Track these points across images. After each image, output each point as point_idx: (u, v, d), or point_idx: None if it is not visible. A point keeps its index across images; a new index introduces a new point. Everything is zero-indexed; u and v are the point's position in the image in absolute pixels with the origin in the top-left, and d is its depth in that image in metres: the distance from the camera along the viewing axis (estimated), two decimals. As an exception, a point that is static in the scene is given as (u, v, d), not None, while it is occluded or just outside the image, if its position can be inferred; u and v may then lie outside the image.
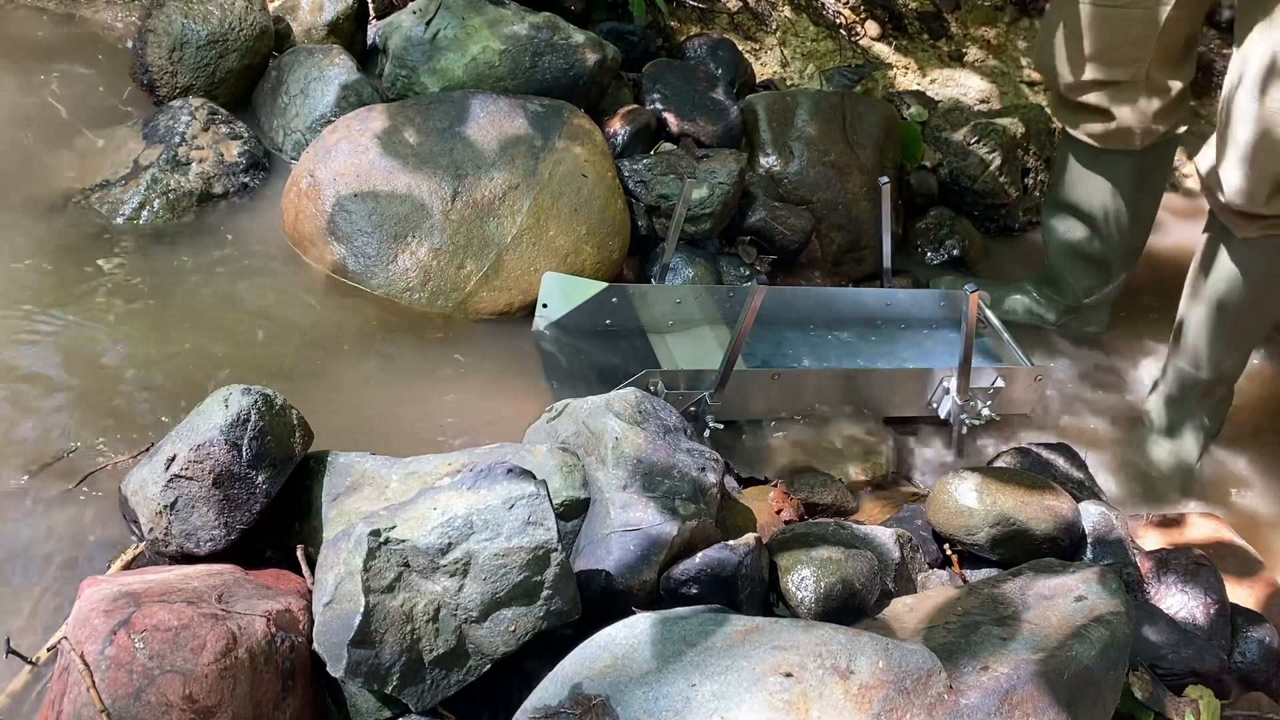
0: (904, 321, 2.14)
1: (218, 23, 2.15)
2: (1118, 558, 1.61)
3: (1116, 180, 2.09)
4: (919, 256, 2.50)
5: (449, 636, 1.19)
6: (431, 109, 2.06)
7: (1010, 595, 1.35)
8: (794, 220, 2.22)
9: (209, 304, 1.83)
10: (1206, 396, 2.08)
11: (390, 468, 1.43)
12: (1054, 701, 1.15)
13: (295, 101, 2.17)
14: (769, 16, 2.89)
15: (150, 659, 1.09)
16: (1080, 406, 2.16)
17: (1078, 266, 2.21)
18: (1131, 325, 2.39)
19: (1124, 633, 1.29)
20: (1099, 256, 2.18)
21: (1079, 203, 2.14)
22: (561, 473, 1.44)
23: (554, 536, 1.21)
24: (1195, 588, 1.59)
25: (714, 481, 1.49)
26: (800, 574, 1.43)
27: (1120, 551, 1.61)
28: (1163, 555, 1.65)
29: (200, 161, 2.03)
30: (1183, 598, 1.58)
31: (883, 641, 1.15)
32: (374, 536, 1.17)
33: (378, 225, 1.93)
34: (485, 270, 1.94)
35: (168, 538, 1.33)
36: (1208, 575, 1.60)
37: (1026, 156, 2.66)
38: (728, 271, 2.17)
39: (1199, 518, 1.87)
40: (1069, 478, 1.78)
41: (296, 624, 1.21)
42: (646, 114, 2.29)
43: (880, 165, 2.42)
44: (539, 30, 2.18)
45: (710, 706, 1.08)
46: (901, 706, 1.10)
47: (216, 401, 1.36)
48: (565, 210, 2.01)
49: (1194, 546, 1.71)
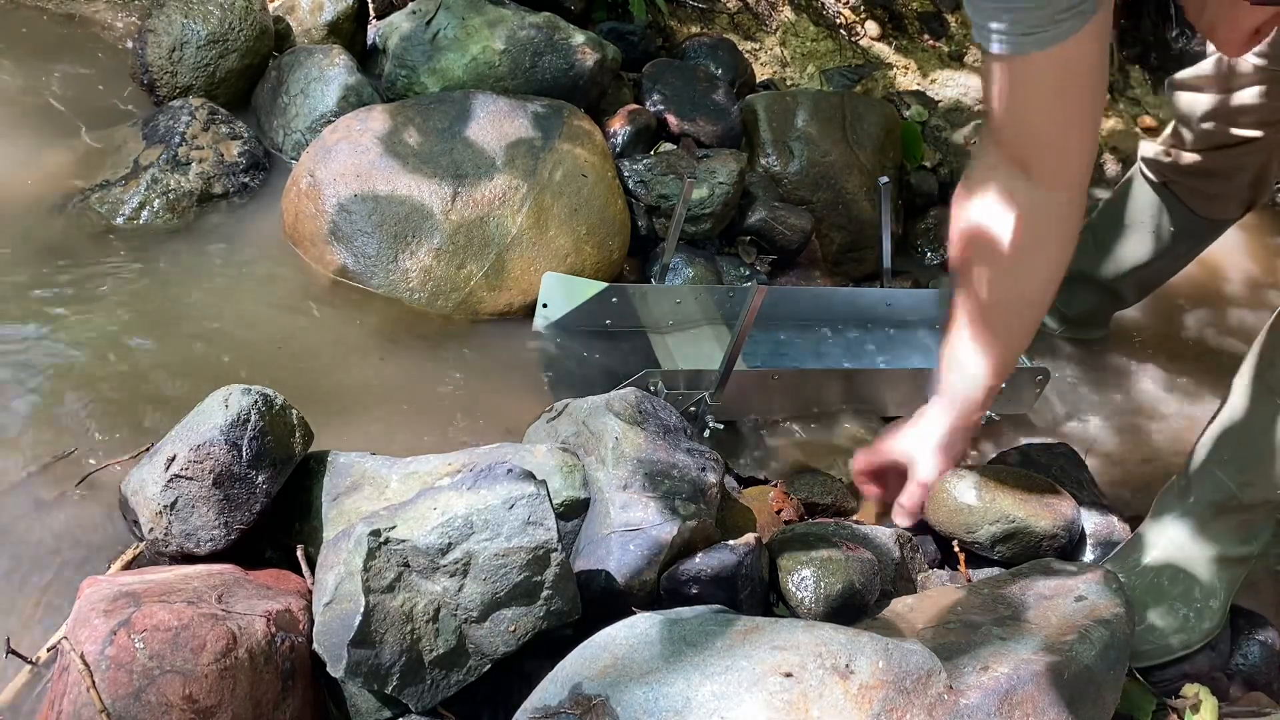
0: (904, 321, 2.14)
1: (218, 23, 2.15)
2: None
3: (1181, 237, 2.06)
4: (919, 256, 2.50)
5: (449, 636, 1.19)
6: (431, 109, 2.06)
7: (1010, 595, 1.35)
8: (794, 220, 2.22)
9: (209, 304, 1.83)
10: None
11: (390, 468, 1.43)
12: (1054, 701, 1.15)
13: (295, 101, 2.17)
14: (769, 16, 2.89)
15: (150, 659, 1.09)
16: (1081, 407, 2.16)
17: (1089, 291, 2.20)
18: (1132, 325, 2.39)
19: (1124, 633, 1.29)
20: (1115, 289, 2.18)
21: (1125, 241, 2.10)
22: (561, 473, 1.44)
23: (554, 536, 1.21)
24: (1195, 588, 1.58)
25: (714, 481, 1.49)
26: (800, 574, 1.43)
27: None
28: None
29: (200, 161, 2.03)
30: (1183, 598, 1.58)
31: (883, 641, 1.15)
32: (374, 536, 1.17)
33: (378, 225, 1.93)
34: (485, 270, 1.94)
35: (168, 538, 1.33)
36: (1208, 575, 1.60)
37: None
38: (728, 271, 2.17)
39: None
40: (1069, 478, 1.78)
41: (296, 624, 1.21)
42: (646, 114, 2.29)
43: (880, 165, 2.42)
44: (539, 30, 2.18)
45: (710, 706, 1.08)
46: (901, 706, 1.10)
47: (216, 401, 1.36)
48: (565, 210, 2.01)
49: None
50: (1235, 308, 2.56)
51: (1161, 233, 2.07)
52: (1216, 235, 2.12)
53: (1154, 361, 2.30)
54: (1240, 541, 1.52)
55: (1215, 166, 1.94)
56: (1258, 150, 1.88)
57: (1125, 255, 2.11)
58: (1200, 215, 2.02)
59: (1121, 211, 2.12)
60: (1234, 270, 2.69)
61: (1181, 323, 2.49)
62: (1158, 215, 2.06)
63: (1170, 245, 2.08)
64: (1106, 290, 2.18)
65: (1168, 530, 1.56)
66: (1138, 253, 2.10)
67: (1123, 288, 2.17)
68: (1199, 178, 1.97)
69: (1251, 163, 1.91)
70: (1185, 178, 1.99)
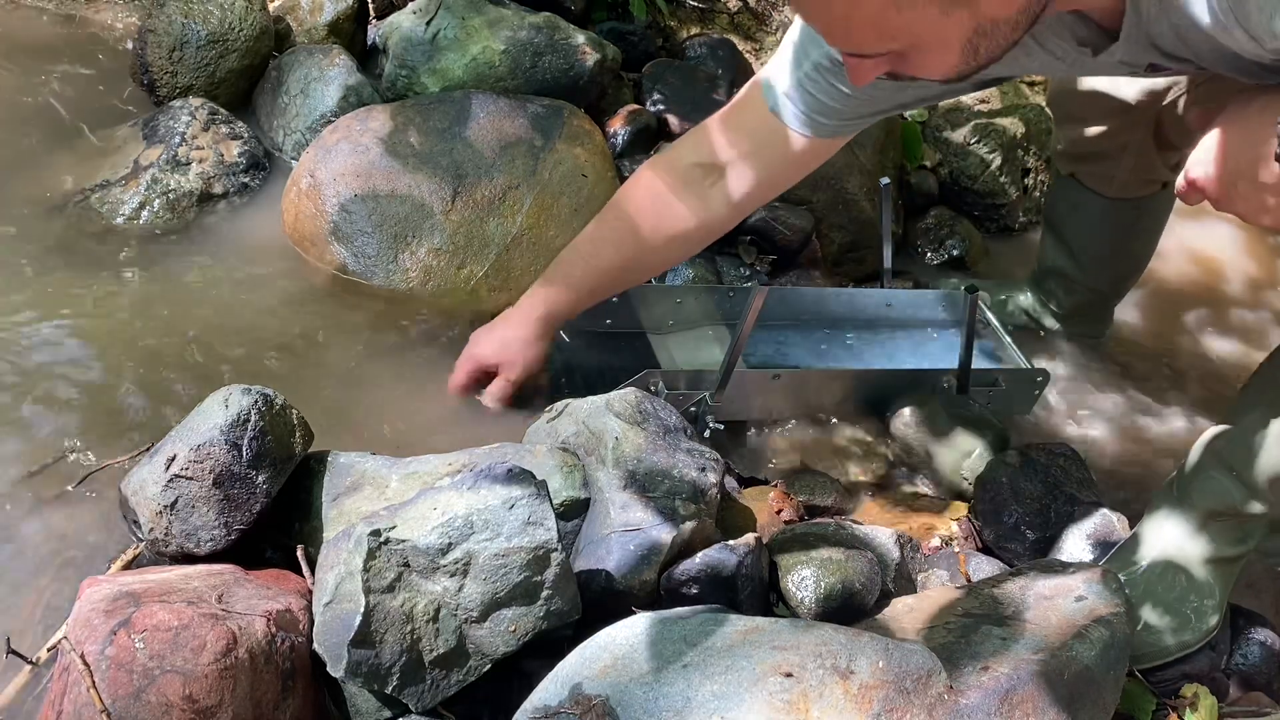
0: (904, 322, 2.14)
1: (218, 23, 2.15)
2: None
3: (1106, 224, 2.05)
4: (919, 257, 2.50)
5: (449, 636, 1.19)
6: (432, 109, 2.06)
7: (1010, 595, 1.35)
8: (794, 220, 2.22)
9: (208, 304, 1.83)
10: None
11: (390, 468, 1.43)
12: (1054, 701, 1.15)
13: (295, 101, 2.17)
14: (769, 16, 2.89)
15: (150, 659, 1.09)
16: (1080, 407, 2.16)
17: (1070, 287, 2.20)
18: (1132, 325, 2.39)
19: (1124, 633, 1.29)
20: (1090, 285, 2.18)
21: (1072, 236, 2.11)
22: (561, 473, 1.44)
23: (554, 536, 1.21)
24: (1195, 588, 1.58)
25: (714, 481, 1.49)
26: (800, 574, 1.43)
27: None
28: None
29: (200, 161, 2.03)
30: (1182, 598, 1.58)
31: (883, 641, 1.15)
32: (374, 536, 1.17)
33: (378, 225, 1.93)
34: (485, 270, 1.94)
35: (168, 538, 1.33)
36: (1208, 575, 1.60)
37: (1026, 156, 2.66)
38: (728, 271, 2.17)
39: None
40: (1069, 478, 1.78)
41: (296, 624, 1.21)
42: (646, 114, 2.29)
43: (880, 165, 2.41)
44: (539, 30, 2.18)
45: (710, 706, 1.08)
46: (901, 706, 1.10)
47: (216, 401, 1.36)
48: (565, 210, 2.01)
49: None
50: (1235, 308, 2.56)
51: (1090, 223, 2.06)
52: (1151, 215, 2.07)
53: (1154, 361, 2.30)
54: (1235, 542, 1.53)
55: (1099, 148, 1.93)
56: (1136, 125, 1.86)
57: (1077, 250, 2.11)
58: (1107, 197, 2.00)
59: (1054, 209, 2.14)
60: (1234, 270, 2.69)
61: (1181, 323, 2.48)
62: (1078, 206, 2.06)
63: (1107, 234, 2.06)
64: (1082, 286, 2.18)
65: (1163, 530, 1.56)
66: (1085, 246, 2.10)
67: (1095, 282, 2.16)
68: (1090, 162, 1.97)
69: (1133, 140, 1.89)
70: (1079, 164, 1.99)
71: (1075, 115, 1.94)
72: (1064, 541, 1.68)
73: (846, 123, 1.53)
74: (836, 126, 1.52)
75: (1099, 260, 2.10)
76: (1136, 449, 2.11)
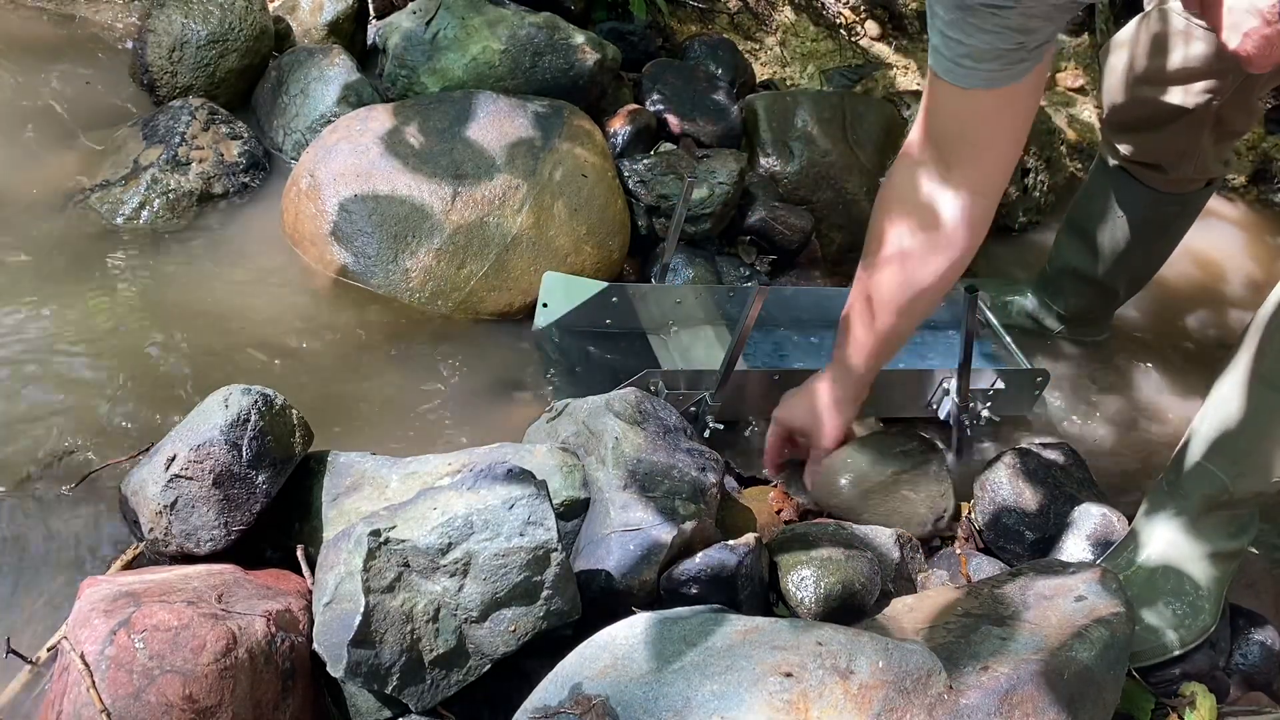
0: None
1: (218, 23, 2.15)
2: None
3: (1151, 217, 2.04)
4: (919, 256, 2.50)
5: (449, 636, 1.19)
6: (431, 109, 2.06)
7: (1010, 595, 1.35)
8: (794, 220, 2.22)
9: (208, 304, 1.83)
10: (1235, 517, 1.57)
11: (390, 468, 1.43)
12: (1054, 701, 1.15)
13: (295, 101, 2.17)
14: (769, 16, 2.89)
15: (150, 659, 1.09)
16: (1080, 407, 2.16)
17: (1082, 288, 2.20)
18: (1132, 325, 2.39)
19: (1124, 633, 1.29)
20: (1106, 284, 2.17)
21: (1101, 230, 2.09)
22: (561, 473, 1.44)
23: (554, 536, 1.21)
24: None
25: (714, 481, 1.49)
26: (800, 574, 1.43)
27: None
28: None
29: (200, 161, 2.03)
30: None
31: (883, 641, 1.15)
32: (374, 536, 1.17)
33: (378, 225, 1.93)
34: (485, 270, 1.94)
35: (168, 538, 1.33)
36: (1207, 575, 1.60)
37: (1026, 156, 2.66)
38: (728, 271, 2.17)
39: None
40: (1069, 478, 1.78)
41: (296, 624, 1.21)
42: (646, 114, 2.29)
43: (880, 165, 2.42)
44: (539, 30, 2.18)
45: (710, 706, 1.08)
46: (901, 706, 1.10)
47: (216, 401, 1.36)
48: (565, 210, 2.01)
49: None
50: (1235, 308, 2.56)
51: (1132, 216, 2.05)
52: (1191, 212, 2.07)
53: (1154, 361, 2.30)
54: (1230, 536, 1.53)
55: (1160, 158, 1.92)
56: (1191, 125, 1.85)
57: (1105, 245, 2.10)
58: (1158, 190, 2.00)
59: (1091, 201, 2.11)
60: (1234, 270, 2.69)
61: (1181, 323, 2.49)
62: (1122, 198, 2.04)
63: (1144, 228, 2.06)
64: (1097, 285, 2.17)
65: (1159, 527, 1.56)
66: (1116, 241, 2.08)
67: (1112, 281, 2.16)
68: (1148, 166, 1.96)
69: (1188, 143, 1.88)
70: (1134, 163, 1.98)
71: (1133, 126, 1.92)
72: (1064, 541, 1.68)
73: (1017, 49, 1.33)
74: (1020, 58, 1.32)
75: (1123, 257, 2.10)
76: (1136, 449, 2.11)
